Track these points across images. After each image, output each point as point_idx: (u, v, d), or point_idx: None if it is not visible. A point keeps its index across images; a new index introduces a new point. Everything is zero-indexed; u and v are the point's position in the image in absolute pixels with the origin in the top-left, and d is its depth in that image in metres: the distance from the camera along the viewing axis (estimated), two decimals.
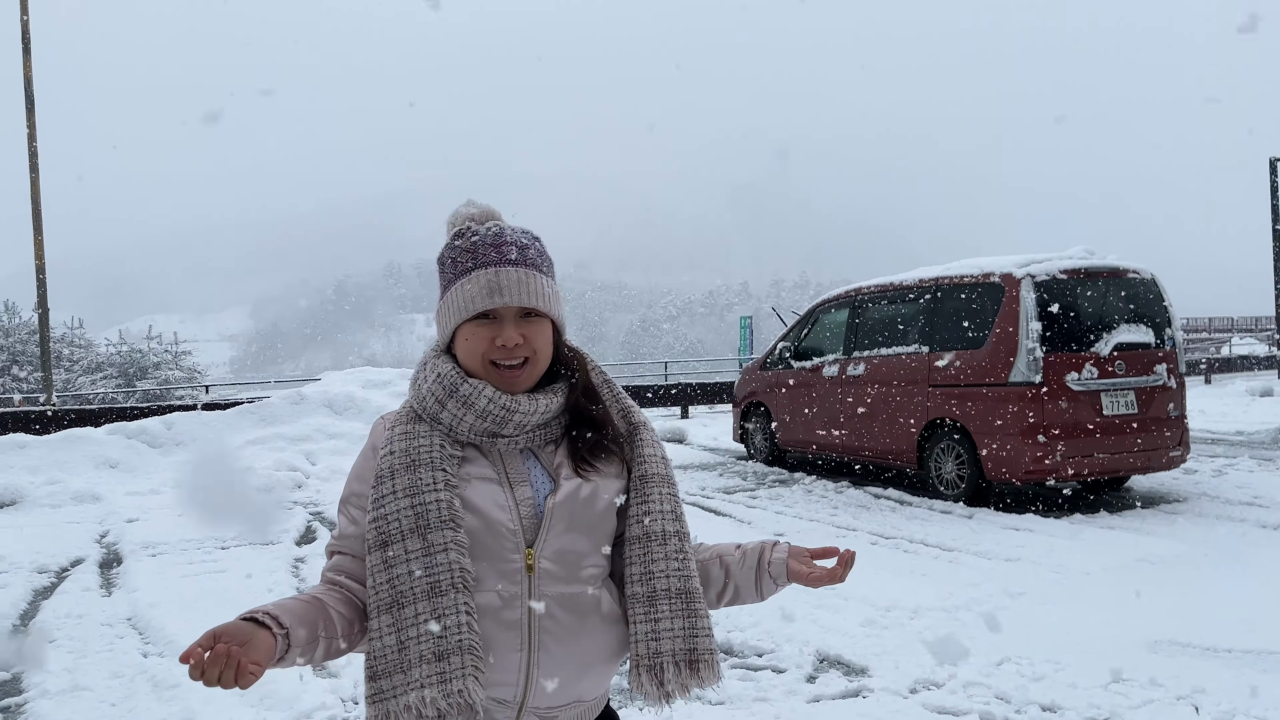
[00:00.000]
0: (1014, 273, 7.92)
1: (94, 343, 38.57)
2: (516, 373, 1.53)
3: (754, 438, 11.30)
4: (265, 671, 1.25)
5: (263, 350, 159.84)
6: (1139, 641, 4.44)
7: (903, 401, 8.70)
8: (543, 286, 1.56)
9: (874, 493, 8.75)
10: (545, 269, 1.59)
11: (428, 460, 1.46)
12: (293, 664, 1.36)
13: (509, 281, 1.52)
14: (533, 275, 1.55)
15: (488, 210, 1.63)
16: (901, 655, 4.35)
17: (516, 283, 1.53)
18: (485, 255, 1.54)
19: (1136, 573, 5.66)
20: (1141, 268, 8.33)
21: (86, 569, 6.77)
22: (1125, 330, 7.88)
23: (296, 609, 1.38)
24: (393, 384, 14.45)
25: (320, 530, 7.89)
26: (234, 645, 1.23)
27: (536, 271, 1.56)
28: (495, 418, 1.50)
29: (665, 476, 1.61)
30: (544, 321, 1.57)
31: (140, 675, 4.40)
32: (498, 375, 1.53)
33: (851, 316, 9.75)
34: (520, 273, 1.53)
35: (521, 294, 1.53)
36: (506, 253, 1.54)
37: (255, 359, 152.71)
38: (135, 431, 12.14)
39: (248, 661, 1.23)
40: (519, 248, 1.56)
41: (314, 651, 1.39)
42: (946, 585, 5.46)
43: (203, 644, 1.23)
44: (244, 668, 1.22)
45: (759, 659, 4.43)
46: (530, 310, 1.55)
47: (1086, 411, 7.63)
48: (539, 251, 1.59)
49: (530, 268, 1.55)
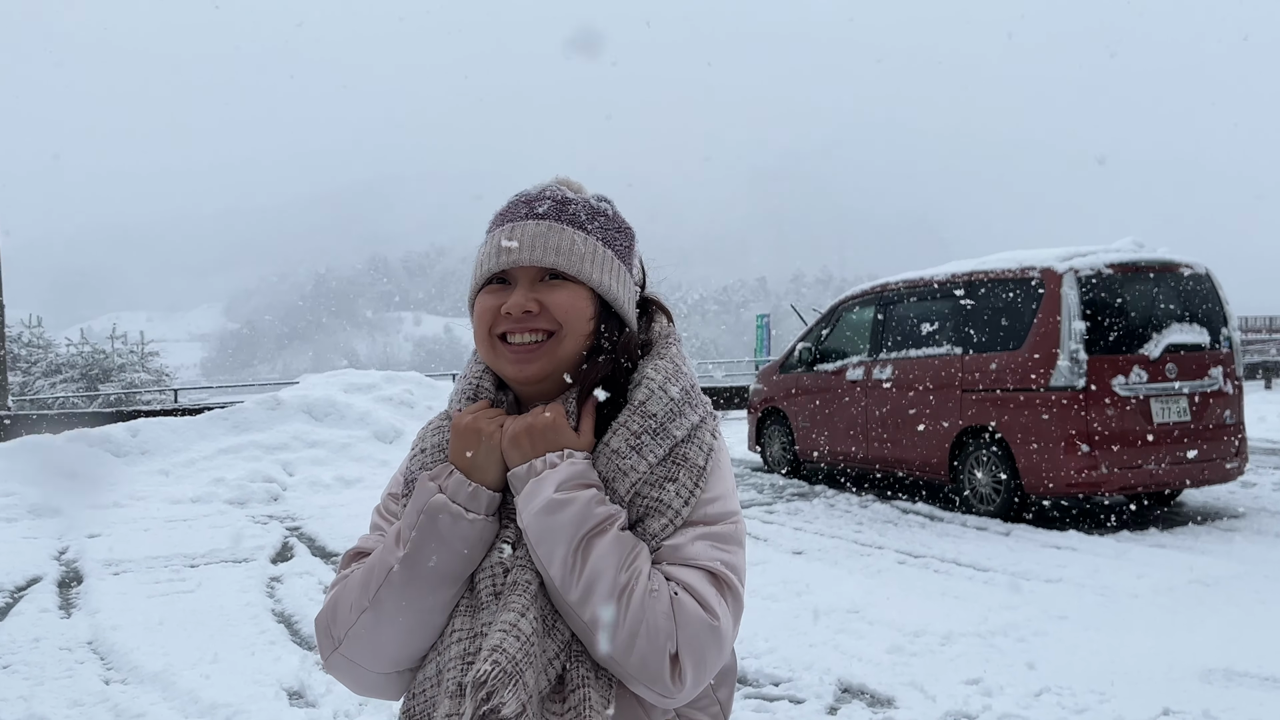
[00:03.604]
0: (1055, 267, 7.91)
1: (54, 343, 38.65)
2: (528, 352, 1.35)
3: (771, 447, 11.31)
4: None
5: (236, 351, 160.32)
6: (1191, 671, 4.43)
7: (933, 408, 8.69)
8: (574, 243, 1.36)
9: (902, 507, 8.74)
10: (591, 227, 1.39)
11: None
12: (490, 531, 1.33)
13: (523, 235, 1.35)
14: (560, 229, 1.36)
15: (563, 179, 1.49)
16: (931, 685, 4.35)
17: (533, 237, 1.35)
18: (513, 211, 1.41)
19: (1189, 595, 5.65)
20: (1195, 261, 8.32)
21: (44, 588, 6.79)
22: (1177, 330, 7.87)
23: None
24: (378, 388, 14.45)
25: (298, 547, 7.91)
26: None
27: (570, 226, 1.37)
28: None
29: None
30: (575, 288, 1.36)
31: (102, 704, 4.42)
32: (508, 357, 1.36)
33: (878, 315, 9.76)
34: (544, 226, 1.36)
35: (536, 249, 1.35)
36: (537, 206, 1.39)
37: (228, 360, 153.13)
38: (98, 439, 12.17)
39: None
40: (556, 202, 1.39)
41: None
42: (981, 608, 5.45)
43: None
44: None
45: (775, 688, 4.43)
46: (555, 272, 1.36)
47: (1134, 419, 7.62)
48: (589, 209, 1.41)
49: (564, 222, 1.37)
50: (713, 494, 1.35)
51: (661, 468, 1.33)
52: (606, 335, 1.40)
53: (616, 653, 1.23)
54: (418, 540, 1.30)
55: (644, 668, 1.24)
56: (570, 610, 1.26)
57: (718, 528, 1.34)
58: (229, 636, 5.39)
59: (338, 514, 9.20)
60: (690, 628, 1.25)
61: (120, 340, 38.45)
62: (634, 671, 1.25)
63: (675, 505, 1.32)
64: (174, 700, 4.42)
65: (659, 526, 1.31)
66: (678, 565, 1.30)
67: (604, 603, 1.23)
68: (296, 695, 4.49)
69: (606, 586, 1.23)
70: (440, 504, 1.30)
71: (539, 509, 1.26)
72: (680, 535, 1.32)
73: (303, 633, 5.52)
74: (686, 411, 1.37)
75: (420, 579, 1.30)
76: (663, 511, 1.31)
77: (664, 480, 1.32)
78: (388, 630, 1.32)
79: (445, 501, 1.30)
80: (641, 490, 1.32)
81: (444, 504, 1.30)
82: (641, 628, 1.23)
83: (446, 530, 1.29)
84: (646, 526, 1.31)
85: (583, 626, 1.25)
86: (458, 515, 1.29)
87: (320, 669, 4.81)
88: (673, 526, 1.31)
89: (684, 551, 1.31)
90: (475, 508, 1.30)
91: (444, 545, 1.29)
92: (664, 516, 1.31)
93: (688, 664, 1.25)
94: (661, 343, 1.44)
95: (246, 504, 10.05)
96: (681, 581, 1.28)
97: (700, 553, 1.31)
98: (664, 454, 1.33)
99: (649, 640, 1.23)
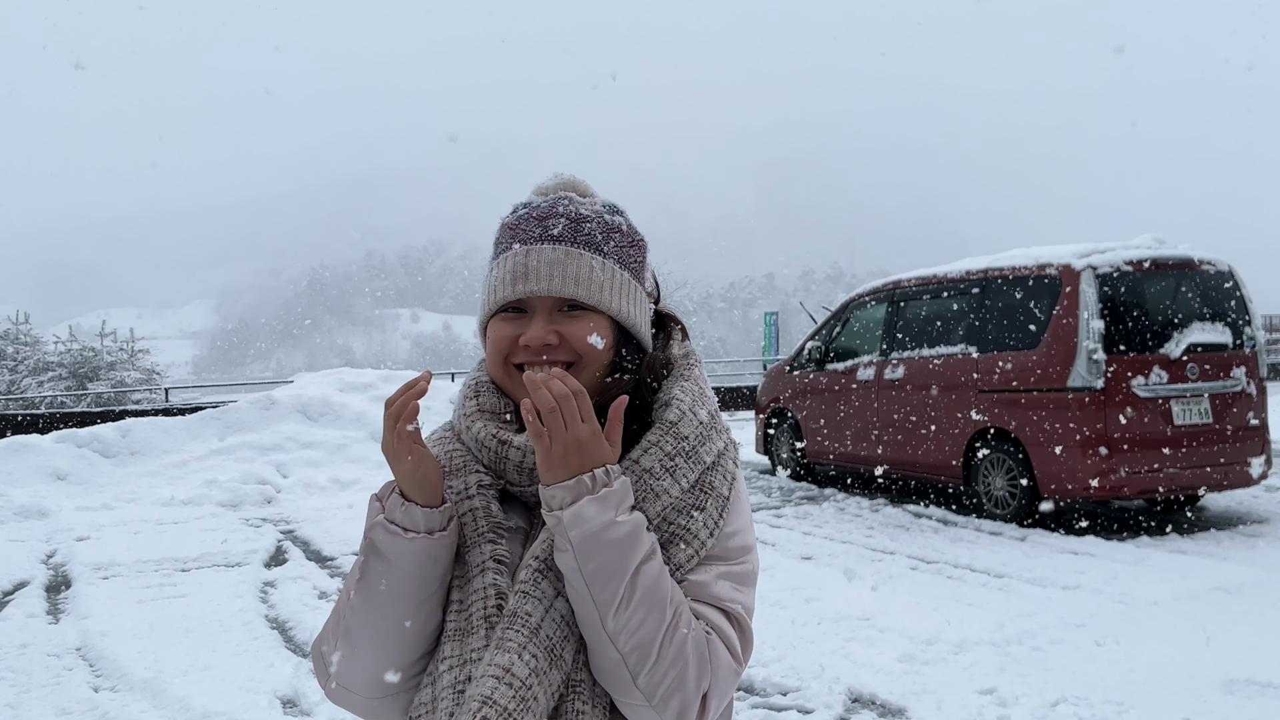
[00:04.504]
0: (1073, 264, 7.90)
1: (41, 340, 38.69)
2: None
3: (779, 449, 11.31)
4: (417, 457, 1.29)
5: (229, 349, 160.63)
6: (1213, 680, 4.43)
7: (947, 409, 8.69)
8: (592, 270, 1.36)
9: (914, 511, 8.74)
10: (608, 249, 1.39)
11: (461, 465, 1.39)
12: (438, 548, 1.31)
13: (539, 262, 1.35)
14: (579, 255, 1.36)
15: (568, 182, 1.47)
16: (944, 695, 4.35)
17: (550, 264, 1.35)
18: (525, 231, 1.38)
19: (1211, 603, 5.65)
20: (1218, 259, 8.31)
21: (31, 593, 6.81)
22: (1199, 329, 7.86)
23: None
24: (374, 387, 14.47)
25: (292, 551, 7.92)
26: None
27: (587, 250, 1.37)
28: (491, 453, 1.37)
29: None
30: (595, 317, 1.37)
31: (90, 712, 4.43)
32: (523, 385, 1.31)
33: (890, 313, 9.75)
34: (560, 251, 1.36)
35: (554, 279, 1.35)
36: (551, 226, 1.37)
37: (221, 359, 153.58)
38: (86, 439, 12.21)
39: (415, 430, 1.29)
40: (571, 220, 1.38)
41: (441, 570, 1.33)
42: (995, 616, 5.45)
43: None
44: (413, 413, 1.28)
45: (783, 698, 4.44)
46: (573, 302, 1.37)
47: (1154, 420, 7.61)
48: (604, 226, 1.41)
49: (580, 246, 1.37)
50: (734, 527, 1.37)
51: (690, 495, 1.33)
52: (627, 359, 1.41)
53: (649, 688, 1.23)
54: (364, 564, 1.30)
55: (677, 704, 1.24)
56: (603, 639, 1.23)
57: (738, 567, 1.36)
58: (221, 643, 5.40)
59: (333, 517, 9.23)
60: (720, 671, 1.26)
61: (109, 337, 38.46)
62: (661, 708, 1.24)
63: (701, 536, 1.32)
64: (164, 708, 4.43)
65: (684, 557, 1.31)
66: (704, 605, 1.30)
67: (650, 637, 1.22)
68: (290, 703, 4.50)
69: (655, 621, 1.22)
70: (378, 524, 1.30)
71: (598, 530, 1.22)
72: (704, 571, 1.32)
73: (296, 639, 5.53)
74: (713, 436, 1.38)
75: (376, 601, 1.29)
76: (689, 541, 1.32)
77: (691, 508, 1.33)
78: (365, 654, 1.31)
79: (383, 522, 1.29)
80: (669, 516, 1.32)
81: (382, 524, 1.29)
82: (687, 668, 1.23)
83: (387, 550, 1.28)
84: (670, 554, 1.31)
85: (614, 656, 1.23)
86: (395, 534, 1.28)
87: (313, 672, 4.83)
88: (697, 558, 1.32)
89: (710, 590, 1.31)
90: (412, 526, 1.28)
91: (390, 566, 1.28)
92: (690, 546, 1.32)
93: (712, 705, 1.27)
94: (684, 364, 1.45)
95: (239, 506, 10.08)
96: (710, 622, 1.29)
97: (724, 593, 1.32)
98: (694, 479, 1.34)
99: (694, 680, 1.24)
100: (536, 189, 1.47)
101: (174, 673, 4.88)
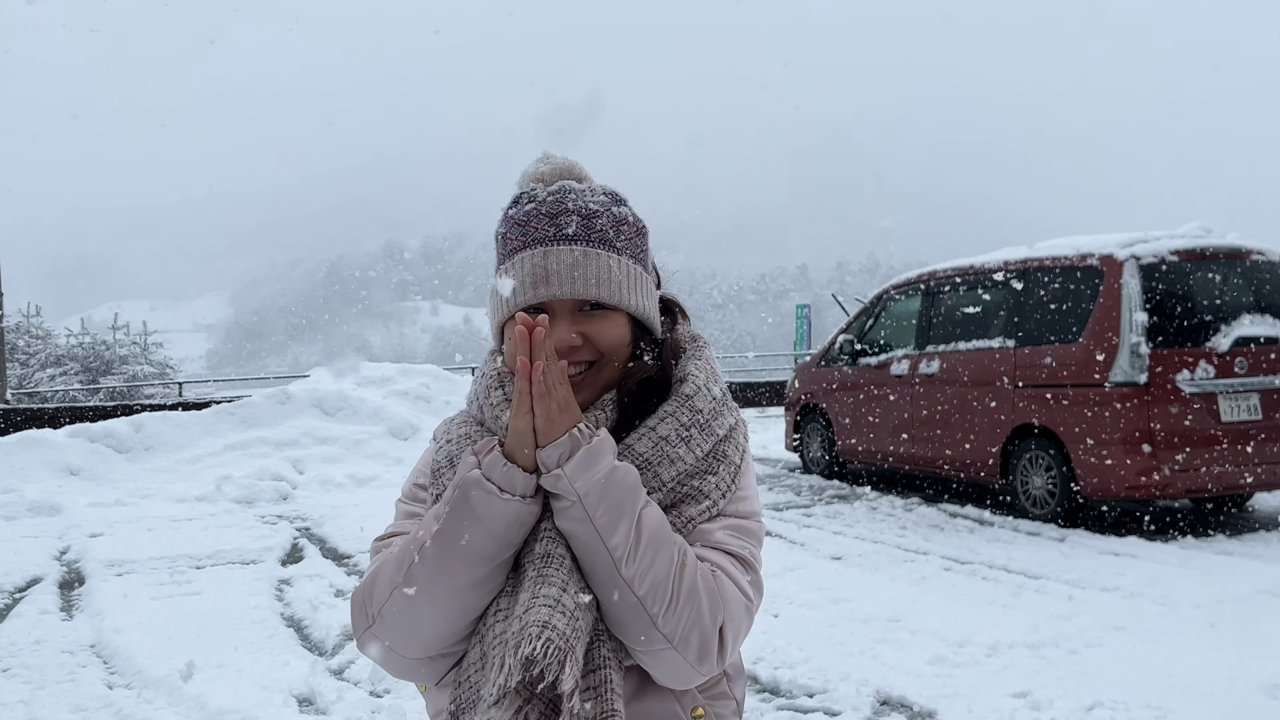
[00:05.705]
0: (1116, 254, 7.87)
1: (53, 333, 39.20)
2: (573, 384, 1.41)
3: (810, 446, 11.32)
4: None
5: (244, 342, 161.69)
6: (1257, 686, 4.42)
7: (984, 405, 8.68)
8: (610, 270, 1.44)
9: (949, 510, 8.75)
10: (620, 244, 1.47)
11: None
12: (528, 515, 1.35)
13: (559, 265, 1.42)
14: (596, 255, 1.44)
15: (563, 167, 1.52)
16: (975, 698, 4.37)
17: (570, 267, 1.42)
18: (538, 230, 1.44)
19: (1257, 606, 5.63)
20: (1268, 248, 8.25)
21: (44, 589, 6.94)
22: (1248, 322, 7.81)
23: None
24: (392, 381, 14.57)
25: (308, 549, 8.02)
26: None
27: (603, 249, 1.45)
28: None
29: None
30: (614, 315, 1.47)
31: (105, 709, 4.52)
32: None
33: (925, 305, 9.75)
34: (578, 252, 1.43)
35: (576, 282, 1.43)
36: (564, 225, 1.44)
37: (235, 352, 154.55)
38: (100, 434, 12.38)
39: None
40: (583, 217, 1.45)
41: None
42: (1031, 618, 5.46)
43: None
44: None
45: (809, 700, 4.47)
46: (594, 302, 1.45)
47: (1201, 417, 7.57)
48: (613, 221, 1.47)
49: (596, 244, 1.44)
50: (744, 492, 1.51)
51: (704, 462, 1.46)
52: (646, 350, 1.53)
53: (670, 627, 1.32)
54: (450, 516, 1.34)
55: (697, 639, 1.33)
56: (621, 583, 1.31)
57: (745, 522, 1.48)
58: (236, 640, 5.49)
59: (350, 514, 9.31)
60: (731, 605, 1.38)
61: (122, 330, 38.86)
62: (683, 643, 1.33)
63: (714, 496, 1.45)
64: (179, 706, 4.52)
65: (696, 512, 1.44)
66: (708, 548, 1.42)
67: (664, 575, 1.32)
68: (306, 702, 4.58)
69: (665, 560, 1.33)
70: (475, 480, 1.33)
71: (603, 476, 1.31)
72: (711, 524, 1.44)
73: (313, 637, 5.61)
74: (724, 413, 1.51)
75: (452, 556, 1.33)
76: (700, 500, 1.44)
77: (705, 473, 1.46)
78: (420, 609, 1.35)
79: (480, 478, 1.33)
80: (682, 480, 1.44)
81: (478, 480, 1.33)
82: (701, 603, 1.34)
83: (480, 508, 1.32)
84: (683, 511, 1.43)
85: (632, 601, 1.32)
86: (490, 493, 1.32)
87: (329, 671, 4.90)
88: (708, 514, 1.44)
89: (713, 536, 1.43)
90: (509, 487, 1.33)
91: (477, 524, 1.33)
92: (702, 504, 1.44)
93: (729, 638, 1.37)
94: (693, 346, 1.58)
95: (254, 503, 10.19)
96: (714, 563, 1.40)
97: (728, 539, 1.44)
98: (708, 449, 1.47)
99: (709, 612, 1.34)
100: (531, 175, 1.52)
101: (189, 670, 4.96)
